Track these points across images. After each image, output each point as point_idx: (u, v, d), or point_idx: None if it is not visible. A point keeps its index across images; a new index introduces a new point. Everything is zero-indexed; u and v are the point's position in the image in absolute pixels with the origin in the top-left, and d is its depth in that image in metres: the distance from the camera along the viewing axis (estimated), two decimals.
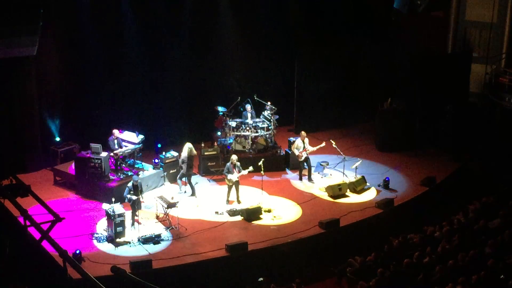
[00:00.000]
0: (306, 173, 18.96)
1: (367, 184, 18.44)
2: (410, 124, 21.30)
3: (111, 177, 17.48)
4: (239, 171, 17.20)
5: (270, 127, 19.55)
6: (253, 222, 16.50)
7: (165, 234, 15.63)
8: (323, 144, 18.83)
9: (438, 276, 12.83)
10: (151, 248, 15.04)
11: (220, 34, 21.56)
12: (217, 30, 21.50)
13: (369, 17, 23.08)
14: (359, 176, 18.43)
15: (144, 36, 20.45)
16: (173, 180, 18.45)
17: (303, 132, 18.91)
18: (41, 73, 19.12)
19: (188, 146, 17.81)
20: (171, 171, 18.52)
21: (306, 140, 18.75)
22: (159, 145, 19.71)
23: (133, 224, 15.85)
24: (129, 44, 20.31)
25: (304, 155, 18.64)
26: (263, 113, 19.93)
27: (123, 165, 17.96)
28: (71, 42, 19.60)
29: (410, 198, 17.88)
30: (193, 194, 17.72)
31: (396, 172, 19.50)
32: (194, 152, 18.04)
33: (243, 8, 21.65)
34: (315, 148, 18.76)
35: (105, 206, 15.91)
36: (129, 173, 17.57)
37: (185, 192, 17.92)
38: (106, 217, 15.57)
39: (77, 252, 14.27)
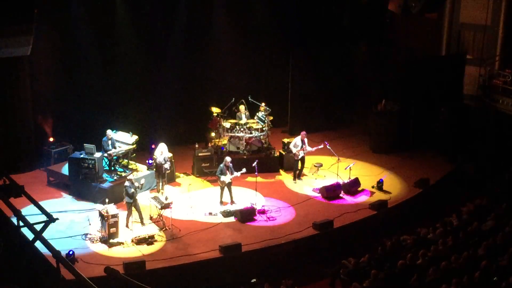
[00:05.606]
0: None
1: (361, 185, 18.47)
2: (404, 126, 21.36)
3: (105, 177, 17.46)
4: (232, 173, 17.18)
5: (264, 128, 19.55)
6: (246, 223, 16.50)
7: (159, 235, 15.60)
8: (322, 146, 18.85)
9: (432, 277, 12.85)
10: (145, 249, 14.99)
11: (215, 35, 21.59)
12: (211, 31, 21.53)
13: (363, 19, 23.13)
14: (353, 178, 18.45)
15: (137, 36, 20.48)
16: (169, 180, 18.41)
17: (303, 132, 18.91)
18: (35, 73, 19.08)
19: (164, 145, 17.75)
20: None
21: (306, 140, 18.76)
22: (153, 146, 19.67)
23: (127, 225, 15.83)
24: (122, 44, 20.32)
25: (301, 154, 18.64)
26: (257, 114, 19.92)
27: (117, 166, 17.95)
28: (65, 43, 19.56)
29: (403, 200, 17.92)
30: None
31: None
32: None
33: (238, 9, 21.67)
34: (313, 149, 18.76)
35: (99, 206, 15.88)
36: (123, 174, 17.53)
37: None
38: (99, 217, 15.52)
39: (71, 252, 14.21)
